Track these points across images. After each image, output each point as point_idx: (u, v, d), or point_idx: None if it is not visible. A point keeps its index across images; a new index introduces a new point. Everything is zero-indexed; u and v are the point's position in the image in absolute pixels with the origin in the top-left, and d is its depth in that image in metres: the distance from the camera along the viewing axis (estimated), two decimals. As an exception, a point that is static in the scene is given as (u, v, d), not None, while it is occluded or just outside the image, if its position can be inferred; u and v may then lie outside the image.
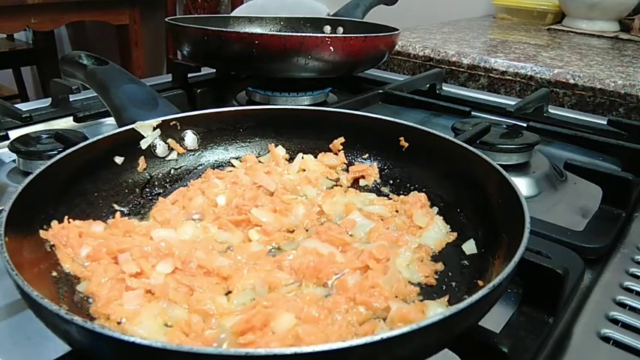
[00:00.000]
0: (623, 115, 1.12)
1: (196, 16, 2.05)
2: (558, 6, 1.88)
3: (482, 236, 0.48)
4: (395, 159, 0.61)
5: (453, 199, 0.54)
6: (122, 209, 0.53)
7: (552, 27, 1.83)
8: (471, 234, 0.49)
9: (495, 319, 0.41)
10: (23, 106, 0.90)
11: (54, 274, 0.41)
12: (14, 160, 0.69)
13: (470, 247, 0.47)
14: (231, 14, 1.25)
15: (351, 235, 0.50)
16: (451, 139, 0.56)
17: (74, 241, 0.44)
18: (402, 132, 0.60)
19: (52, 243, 0.43)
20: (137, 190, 0.56)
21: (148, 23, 3.02)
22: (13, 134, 0.74)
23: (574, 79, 1.19)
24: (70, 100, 0.93)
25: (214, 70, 1.14)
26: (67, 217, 0.46)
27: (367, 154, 0.63)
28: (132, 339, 0.27)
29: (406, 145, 0.60)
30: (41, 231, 0.43)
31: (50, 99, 0.92)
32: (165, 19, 0.97)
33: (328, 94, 0.99)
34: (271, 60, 0.83)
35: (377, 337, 0.27)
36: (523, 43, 1.55)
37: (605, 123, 0.89)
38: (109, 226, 0.49)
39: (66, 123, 0.85)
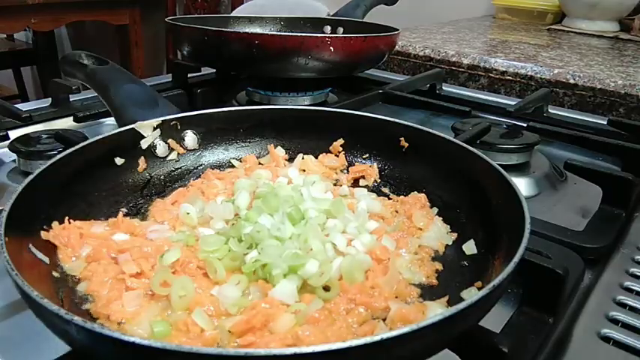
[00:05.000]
0: (623, 115, 1.12)
1: (196, 16, 2.05)
2: (558, 6, 1.88)
3: (482, 236, 0.48)
4: (395, 159, 0.61)
5: (453, 199, 0.54)
6: (122, 209, 0.53)
7: (552, 27, 1.83)
8: (471, 234, 0.49)
9: (495, 319, 0.41)
10: (23, 106, 0.90)
11: (54, 274, 0.41)
12: (14, 160, 0.69)
13: (470, 247, 0.47)
14: (231, 14, 1.25)
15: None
16: (451, 139, 0.56)
17: (75, 241, 0.44)
18: (402, 132, 0.60)
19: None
20: (137, 190, 0.56)
21: (148, 23, 3.02)
22: (13, 134, 0.74)
23: (574, 79, 1.19)
24: (70, 100, 0.93)
25: (214, 70, 1.14)
26: (67, 217, 0.46)
27: (367, 154, 0.63)
28: (132, 339, 0.27)
29: (406, 145, 0.60)
30: (42, 232, 0.43)
31: (50, 99, 0.92)
32: (166, 19, 0.97)
33: (328, 94, 0.99)
34: (271, 60, 0.83)
35: (377, 338, 0.27)
36: (523, 43, 1.55)
37: (605, 123, 0.89)
38: (109, 227, 0.49)
39: (66, 123, 0.85)
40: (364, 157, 0.63)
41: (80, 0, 2.52)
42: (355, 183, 0.61)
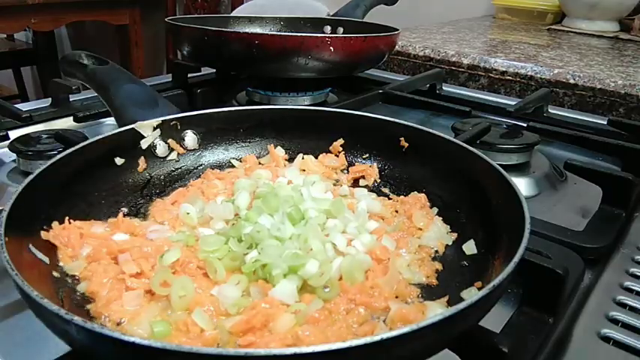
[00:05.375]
0: (623, 115, 1.12)
1: (196, 16, 2.05)
2: (558, 6, 1.88)
3: (482, 236, 0.48)
4: (395, 159, 0.61)
5: (453, 199, 0.54)
6: (122, 209, 0.53)
7: (552, 27, 1.83)
8: (471, 234, 0.49)
9: (495, 319, 0.41)
10: (23, 106, 0.90)
11: (54, 274, 0.41)
12: (14, 160, 0.69)
13: (470, 247, 0.47)
14: (231, 14, 1.25)
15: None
16: (451, 139, 0.56)
17: (75, 241, 0.44)
18: (402, 132, 0.60)
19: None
20: (137, 190, 0.56)
21: (148, 23, 3.02)
22: (13, 134, 0.74)
23: (574, 79, 1.19)
24: (70, 100, 0.93)
25: (214, 70, 1.14)
26: (67, 217, 0.46)
27: (367, 154, 0.63)
28: (132, 339, 0.27)
29: (406, 145, 0.60)
30: (42, 232, 0.43)
31: (50, 99, 0.92)
32: (166, 19, 0.97)
33: (328, 94, 0.99)
34: (271, 60, 0.83)
35: (376, 338, 0.27)
36: (523, 43, 1.55)
37: (605, 123, 0.89)
38: (109, 227, 0.49)
39: (66, 123, 0.85)
40: (364, 157, 0.63)
41: (80, 0, 2.52)
42: (355, 183, 0.61)
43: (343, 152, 0.63)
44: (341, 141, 0.63)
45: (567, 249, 0.52)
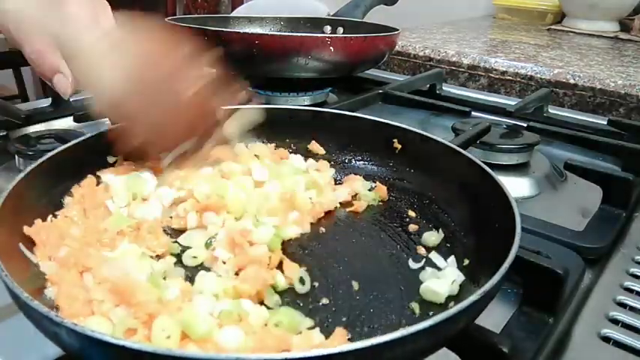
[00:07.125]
0: (623, 115, 1.12)
1: (196, 16, 2.05)
2: (558, 6, 1.88)
3: (474, 239, 0.47)
4: (388, 161, 0.60)
5: (445, 201, 0.53)
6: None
7: (552, 27, 1.82)
8: (463, 237, 0.49)
9: (495, 319, 0.41)
10: (23, 106, 0.90)
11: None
12: (14, 160, 0.69)
13: (432, 239, 0.48)
14: (231, 14, 1.25)
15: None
16: (442, 140, 0.55)
17: (53, 240, 0.42)
18: (395, 134, 0.59)
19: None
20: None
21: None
22: (13, 134, 0.74)
23: (574, 79, 1.18)
24: (70, 100, 0.92)
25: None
26: (51, 215, 0.45)
27: (360, 156, 0.63)
28: (122, 342, 0.27)
29: (399, 147, 0.59)
30: (25, 227, 0.42)
31: (50, 99, 0.92)
32: (166, 19, 0.97)
33: (328, 94, 0.99)
34: (271, 60, 0.83)
35: (368, 343, 0.27)
36: (523, 43, 1.54)
37: (605, 123, 0.89)
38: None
39: (66, 123, 0.84)
40: (357, 158, 0.63)
41: (80, 0, 2.51)
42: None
43: (339, 152, 0.63)
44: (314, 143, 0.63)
45: (567, 249, 0.51)
